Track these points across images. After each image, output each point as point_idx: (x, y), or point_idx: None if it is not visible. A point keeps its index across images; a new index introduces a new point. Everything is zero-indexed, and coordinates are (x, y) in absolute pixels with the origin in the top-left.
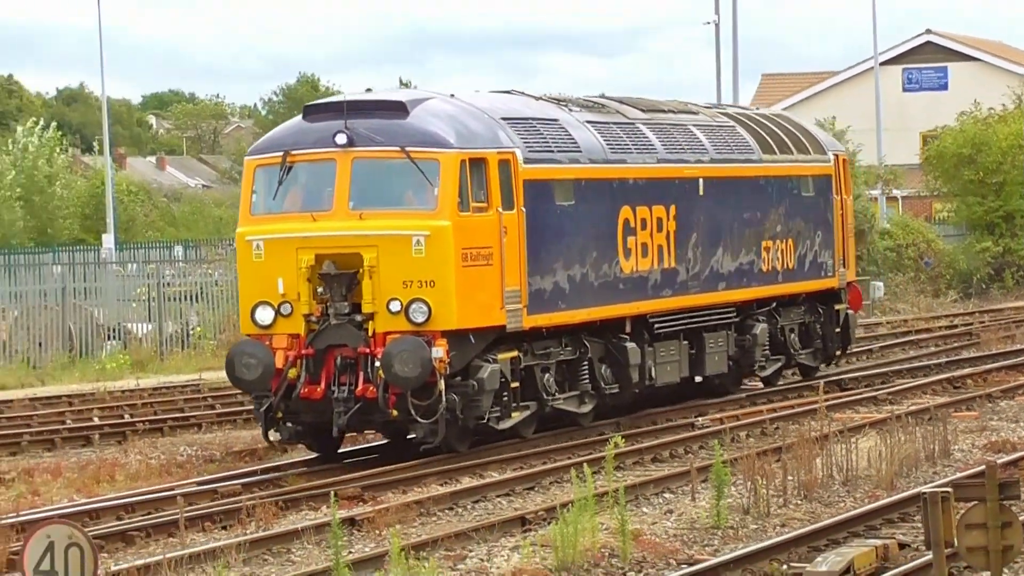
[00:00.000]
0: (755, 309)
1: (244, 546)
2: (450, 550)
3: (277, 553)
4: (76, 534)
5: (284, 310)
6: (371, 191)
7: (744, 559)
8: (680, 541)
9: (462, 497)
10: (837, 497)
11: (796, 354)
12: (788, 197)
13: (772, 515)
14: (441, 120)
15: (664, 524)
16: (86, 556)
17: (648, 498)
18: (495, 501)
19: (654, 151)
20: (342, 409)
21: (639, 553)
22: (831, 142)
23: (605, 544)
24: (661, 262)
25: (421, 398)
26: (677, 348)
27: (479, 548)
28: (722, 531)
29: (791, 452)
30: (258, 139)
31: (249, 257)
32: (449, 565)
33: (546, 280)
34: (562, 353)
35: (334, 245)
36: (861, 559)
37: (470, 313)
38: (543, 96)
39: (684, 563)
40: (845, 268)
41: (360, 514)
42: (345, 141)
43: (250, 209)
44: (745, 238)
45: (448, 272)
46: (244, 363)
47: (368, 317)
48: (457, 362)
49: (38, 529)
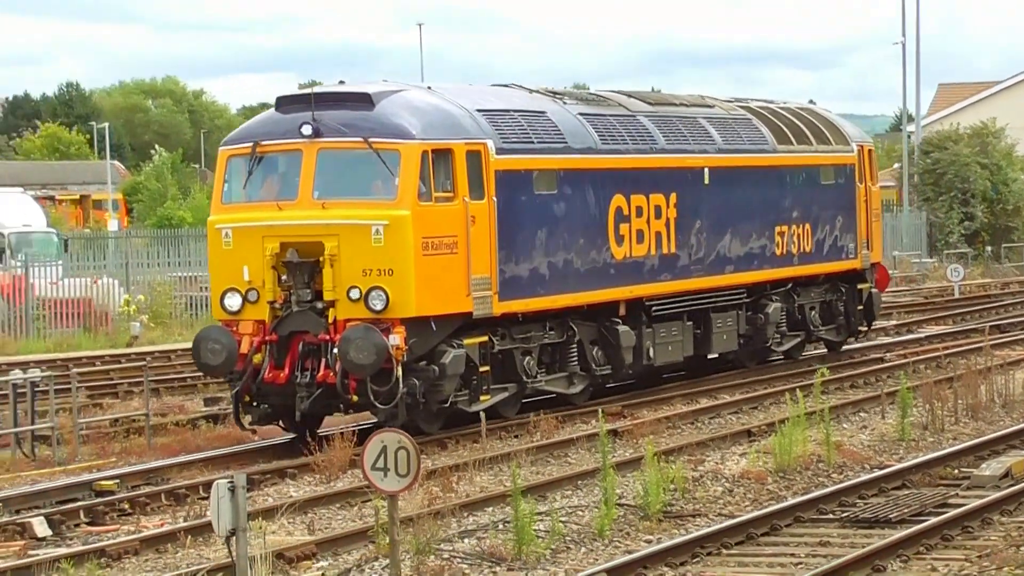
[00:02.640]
0: (769, 290)
1: (532, 451)
2: (691, 455)
3: (557, 456)
4: (404, 439)
5: (251, 297)
6: (335, 181)
7: (923, 465)
8: (872, 450)
9: (701, 414)
10: (997, 417)
11: (816, 330)
12: (805, 185)
13: (946, 431)
14: (406, 112)
15: (860, 437)
16: (411, 456)
17: (847, 416)
18: (727, 417)
19: (653, 142)
20: (304, 394)
21: (840, 459)
22: (857, 134)
23: (813, 452)
24: (659, 247)
25: (380, 383)
26: (680, 329)
27: (714, 454)
28: (905, 443)
29: (960, 381)
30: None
31: (219, 245)
32: (691, 467)
33: (521, 267)
34: (546, 337)
35: (297, 234)
36: (1018, 466)
37: (430, 301)
38: (539, 89)
39: (876, 467)
40: (869, 250)
41: (621, 427)
42: (311, 132)
43: (221, 198)
44: (757, 224)
45: (407, 261)
46: (209, 348)
47: (329, 304)
48: (419, 348)
49: (374, 437)
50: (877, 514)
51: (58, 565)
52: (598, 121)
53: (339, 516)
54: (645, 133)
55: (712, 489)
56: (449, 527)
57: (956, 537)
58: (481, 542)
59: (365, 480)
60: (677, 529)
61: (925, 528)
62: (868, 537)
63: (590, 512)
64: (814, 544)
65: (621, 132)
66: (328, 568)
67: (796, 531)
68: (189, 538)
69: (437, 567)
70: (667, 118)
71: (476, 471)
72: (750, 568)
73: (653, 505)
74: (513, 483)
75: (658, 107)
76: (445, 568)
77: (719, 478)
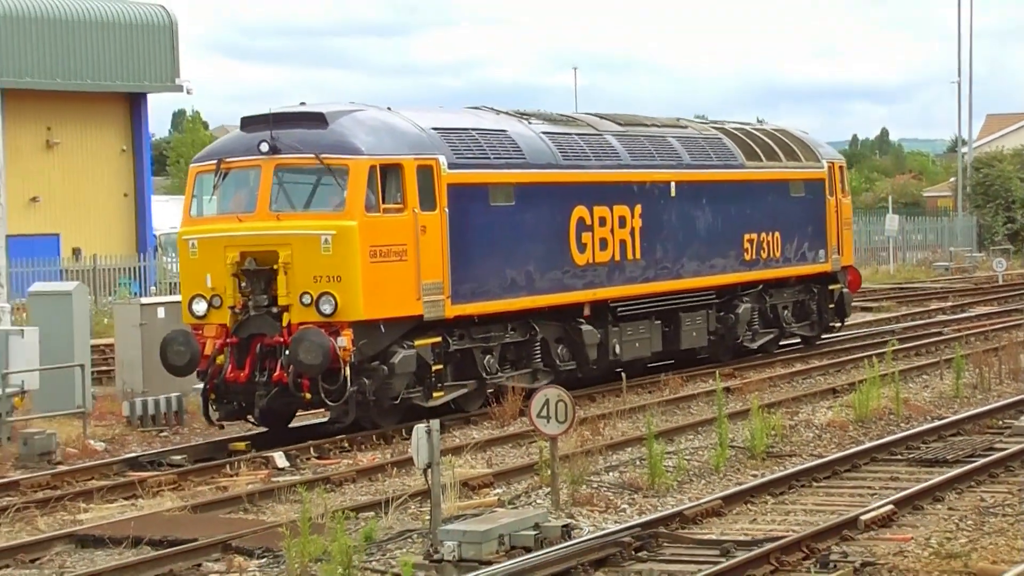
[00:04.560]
0: (740, 291)
1: (662, 403)
2: (788, 408)
3: (682, 408)
4: (562, 394)
5: (215, 302)
6: (290, 194)
7: (974, 417)
8: (932, 405)
9: (796, 376)
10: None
11: (789, 327)
12: (774, 197)
13: (991, 390)
14: (357, 130)
15: (922, 394)
16: (568, 407)
17: (912, 378)
18: (816, 378)
19: (618, 158)
20: (263, 392)
21: (907, 412)
22: (828, 152)
23: (885, 406)
24: (624, 254)
25: (330, 383)
26: (648, 327)
27: (806, 407)
28: (959, 399)
29: (1004, 351)
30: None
31: (187, 255)
32: (788, 417)
33: (475, 272)
34: (508, 336)
35: (255, 243)
36: None
37: (378, 305)
38: (508, 111)
39: (935, 418)
40: (839, 255)
41: (732, 385)
42: (268, 149)
43: (190, 211)
44: (725, 232)
45: (354, 268)
46: (174, 351)
47: (284, 309)
48: (369, 348)
49: (539, 392)
50: (936, 455)
51: (294, 489)
52: (561, 139)
53: (511, 454)
54: (610, 150)
55: (804, 435)
56: (597, 463)
57: (1000, 475)
58: (622, 475)
59: (532, 425)
60: (777, 466)
61: (975, 467)
62: (929, 473)
63: (708, 452)
64: (886, 479)
65: (584, 149)
66: (502, 494)
67: (872, 468)
68: (395, 470)
69: (587, 495)
70: (634, 137)
71: (618, 419)
72: (835, 497)
73: (758, 447)
74: (647, 428)
75: (628, 127)
76: (594, 495)
77: (810, 426)
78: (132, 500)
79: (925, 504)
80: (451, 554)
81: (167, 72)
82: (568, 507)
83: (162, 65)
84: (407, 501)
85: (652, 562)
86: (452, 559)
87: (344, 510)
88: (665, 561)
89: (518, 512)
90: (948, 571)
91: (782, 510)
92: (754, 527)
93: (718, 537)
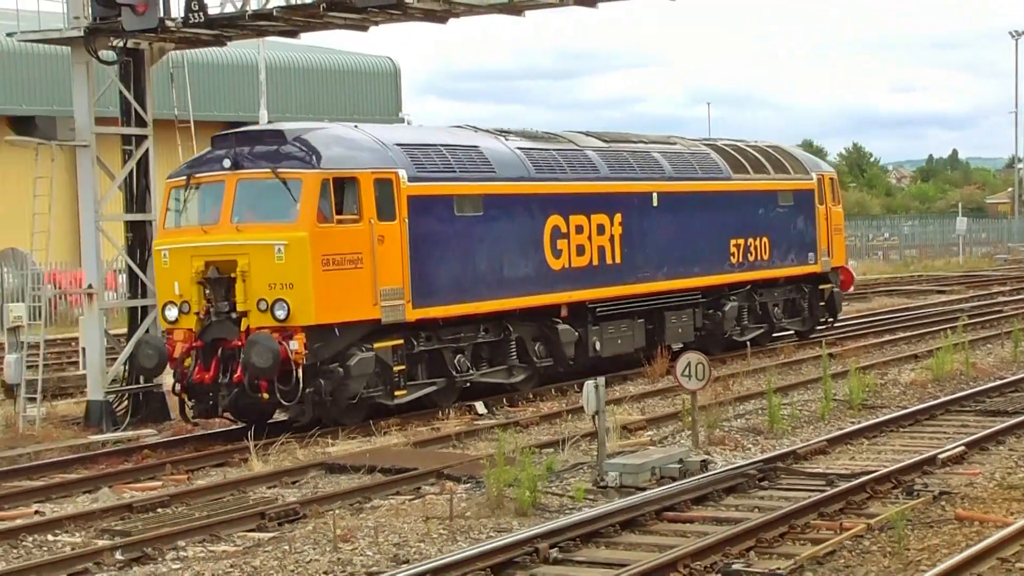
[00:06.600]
0: (727, 291)
1: (778, 366)
2: (879, 370)
3: (795, 369)
4: (701, 358)
5: (184, 308)
6: (250, 206)
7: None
8: (995, 367)
9: (885, 345)
10: None
11: (779, 323)
12: (762, 205)
13: None
14: (315, 145)
15: (987, 359)
16: (705, 368)
17: (979, 346)
18: (901, 346)
19: (596, 171)
20: (225, 392)
21: (974, 373)
22: (817, 165)
23: (957, 368)
24: (602, 259)
25: (285, 384)
26: (629, 325)
27: (893, 370)
28: (1017, 363)
29: None
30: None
31: (161, 264)
32: (879, 377)
33: (438, 277)
34: (480, 336)
35: (217, 253)
36: None
37: (331, 310)
38: (487, 129)
39: (998, 378)
40: (829, 257)
41: (834, 352)
42: (230, 164)
43: (163, 224)
44: (711, 237)
45: (305, 275)
46: (145, 353)
47: (243, 314)
48: (325, 351)
49: (683, 356)
50: (999, 407)
51: (492, 430)
52: (535, 154)
53: (660, 404)
54: (588, 164)
55: (892, 391)
56: (727, 412)
57: None
58: (748, 421)
59: (676, 382)
60: (870, 415)
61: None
62: (993, 422)
63: (815, 404)
64: (958, 426)
65: (560, 163)
66: (653, 436)
67: (947, 418)
68: (569, 416)
69: (720, 436)
70: (615, 152)
71: (744, 378)
72: (917, 439)
73: (855, 400)
74: (767, 385)
75: (612, 144)
76: (725, 437)
77: (897, 384)
78: (368, 437)
79: (990, 446)
80: (614, 482)
81: (392, 108)
82: (705, 446)
83: (387, 102)
84: (579, 440)
85: (772, 490)
86: (615, 486)
87: (530, 447)
88: (783, 489)
89: (666, 449)
90: (1009, 499)
91: (875, 450)
92: (853, 463)
93: (824, 471)
